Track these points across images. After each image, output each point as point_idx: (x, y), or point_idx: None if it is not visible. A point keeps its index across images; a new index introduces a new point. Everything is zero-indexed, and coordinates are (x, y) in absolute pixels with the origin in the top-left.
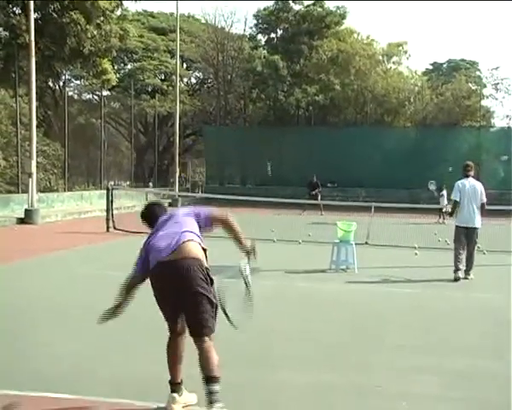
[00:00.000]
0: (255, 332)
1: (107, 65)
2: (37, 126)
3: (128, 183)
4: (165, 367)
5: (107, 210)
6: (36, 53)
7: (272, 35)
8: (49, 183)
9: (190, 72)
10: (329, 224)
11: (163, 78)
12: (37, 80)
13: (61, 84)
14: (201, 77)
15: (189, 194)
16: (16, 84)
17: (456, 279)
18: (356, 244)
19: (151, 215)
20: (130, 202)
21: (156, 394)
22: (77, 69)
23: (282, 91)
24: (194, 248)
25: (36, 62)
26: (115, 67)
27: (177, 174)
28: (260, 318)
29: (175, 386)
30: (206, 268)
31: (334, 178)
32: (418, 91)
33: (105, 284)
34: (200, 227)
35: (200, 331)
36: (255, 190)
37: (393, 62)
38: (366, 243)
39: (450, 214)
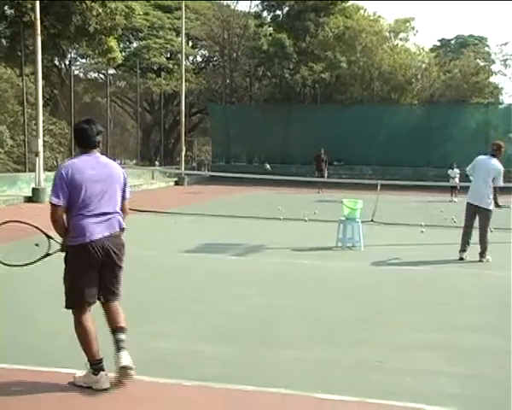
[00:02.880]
0: (258, 309)
1: (112, 43)
2: (43, 105)
3: (134, 161)
4: (162, 342)
5: None
6: (41, 31)
7: (278, 12)
8: (56, 162)
9: (196, 50)
10: (335, 201)
11: (169, 56)
12: (43, 59)
13: (67, 62)
14: (207, 55)
15: (195, 172)
16: (22, 63)
17: (461, 259)
18: (362, 222)
19: (90, 141)
20: (137, 180)
21: (163, 370)
22: (82, 48)
23: (287, 69)
24: (121, 228)
25: (42, 41)
26: (121, 46)
27: (183, 153)
28: (263, 295)
29: (100, 363)
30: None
31: (341, 156)
32: (425, 68)
33: None
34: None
35: (117, 297)
36: (261, 168)
37: (400, 39)
38: (372, 220)
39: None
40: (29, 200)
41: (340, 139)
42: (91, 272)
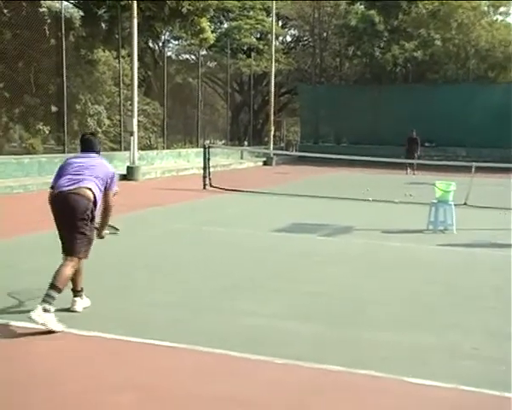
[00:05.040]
0: (346, 289)
1: (204, 24)
2: (137, 86)
3: (223, 141)
4: (253, 318)
5: (204, 168)
6: (137, 14)
7: None
8: (149, 141)
9: (286, 30)
10: (426, 183)
11: (259, 36)
12: (138, 41)
13: (161, 44)
14: (297, 35)
15: (284, 152)
16: (119, 46)
17: None
18: (455, 205)
19: (87, 144)
20: (226, 160)
21: (254, 347)
22: (175, 29)
23: (378, 48)
24: (88, 192)
25: (137, 24)
26: (212, 27)
27: (272, 133)
28: (352, 276)
29: (76, 292)
30: (91, 209)
31: (433, 138)
32: None
33: (200, 239)
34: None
35: (70, 252)
36: (350, 148)
37: (500, 13)
38: (465, 203)
39: None
40: (124, 178)
41: (432, 120)
42: None
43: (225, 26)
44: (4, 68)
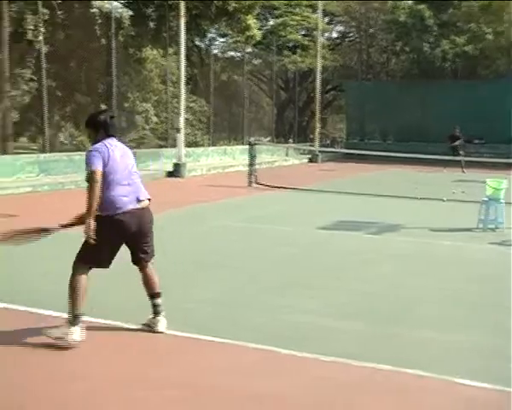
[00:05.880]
0: (393, 287)
1: (250, 21)
2: (184, 84)
3: (269, 138)
4: (298, 315)
5: (249, 165)
6: (185, 13)
7: None
8: (196, 138)
9: (332, 26)
10: (476, 181)
11: (304, 33)
12: (185, 40)
13: (207, 42)
14: (343, 31)
15: (329, 150)
16: (167, 44)
17: None
18: (506, 203)
19: (115, 129)
20: (271, 157)
21: (300, 344)
22: (222, 27)
23: (427, 43)
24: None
25: (185, 22)
26: (258, 24)
27: (317, 130)
28: (399, 274)
29: (81, 317)
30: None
31: (482, 134)
32: None
33: (246, 236)
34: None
35: (149, 259)
36: (396, 145)
37: None
38: None
39: None
40: (170, 174)
41: (482, 116)
42: None
43: (271, 23)
44: (57, 68)
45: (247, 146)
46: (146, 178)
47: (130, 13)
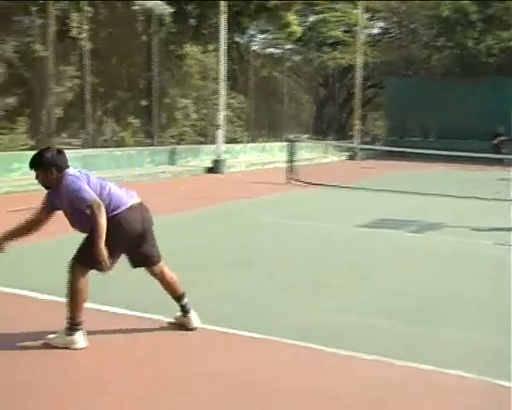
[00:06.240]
0: (432, 287)
1: (290, 18)
2: (224, 80)
3: (307, 135)
4: (336, 313)
5: (288, 162)
6: (225, 10)
7: None
8: (235, 134)
9: (372, 22)
10: None
11: (345, 29)
12: (225, 36)
13: (247, 38)
14: (384, 27)
15: (369, 147)
16: (207, 41)
17: None
18: None
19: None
20: (310, 154)
21: (336, 342)
22: (262, 24)
23: (471, 38)
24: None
25: (225, 19)
26: (298, 21)
27: (357, 127)
28: (438, 274)
29: (82, 324)
30: None
31: None
32: None
33: (284, 232)
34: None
35: (158, 257)
36: (438, 143)
37: None
38: None
39: None
40: (210, 171)
41: None
42: None
43: (311, 19)
44: (99, 65)
45: (286, 143)
46: (185, 175)
47: (172, 10)
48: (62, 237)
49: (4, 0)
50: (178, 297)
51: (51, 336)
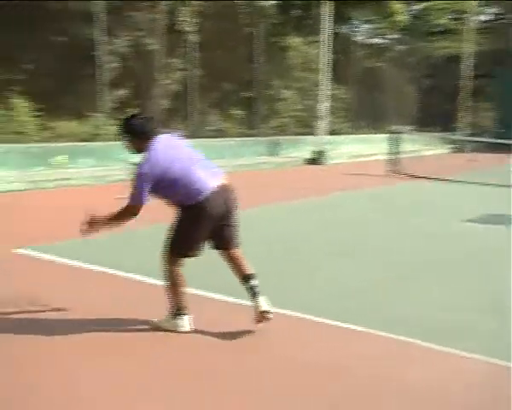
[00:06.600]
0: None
1: (396, 6)
2: (326, 71)
3: (410, 127)
4: (450, 312)
5: (390, 154)
6: (330, 0)
7: None
8: (336, 126)
9: (483, 8)
10: None
11: (452, 16)
12: (328, 26)
13: (350, 29)
14: (495, 12)
15: (476, 139)
16: (310, 32)
17: None
18: None
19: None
20: (413, 146)
21: (443, 337)
22: (365, 13)
23: None
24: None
25: (328, 9)
26: (403, 9)
27: (464, 118)
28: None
29: (184, 308)
30: None
31: None
32: None
33: (385, 226)
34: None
35: (237, 242)
36: None
37: None
38: None
39: None
40: (311, 162)
41: None
42: None
43: (417, 7)
44: (205, 57)
45: (389, 135)
46: (287, 166)
47: (275, 1)
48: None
49: None
50: (247, 277)
51: (155, 320)
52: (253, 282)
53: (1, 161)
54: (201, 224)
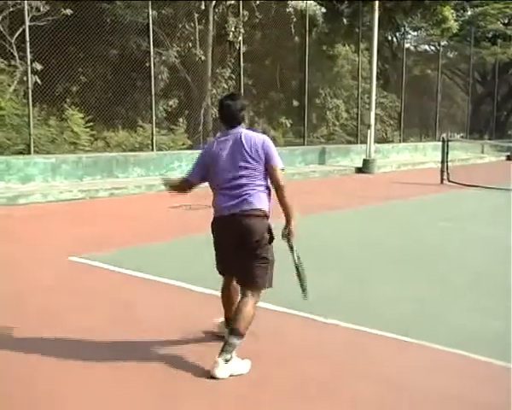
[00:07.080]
0: None
1: (447, 12)
2: (375, 79)
3: (462, 134)
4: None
5: (442, 162)
6: (378, 7)
7: None
8: (385, 134)
9: None
10: None
11: (506, 21)
12: (377, 34)
13: (399, 36)
14: None
15: None
16: (359, 40)
17: None
18: None
19: (229, 115)
20: (465, 154)
21: (496, 350)
22: (415, 20)
23: None
24: (258, 202)
25: (378, 16)
26: (455, 15)
27: None
28: None
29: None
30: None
31: None
32: None
33: (436, 235)
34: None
35: (251, 284)
36: None
37: None
38: None
39: None
40: (359, 170)
41: None
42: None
43: (469, 13)
44: (253, 66)
45: (440, 142)
46: (335, 174)
47: (324, 10)
48: None
49: None
50: (231, 329)
51: (215, 329)
52: (232, 339)
53: (55, 171)
54: (216, 241)
